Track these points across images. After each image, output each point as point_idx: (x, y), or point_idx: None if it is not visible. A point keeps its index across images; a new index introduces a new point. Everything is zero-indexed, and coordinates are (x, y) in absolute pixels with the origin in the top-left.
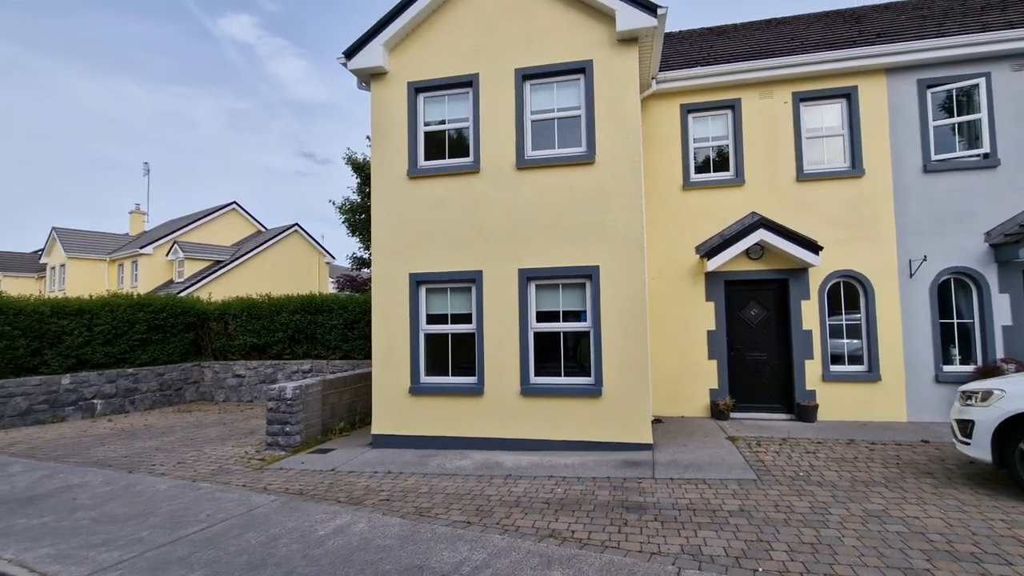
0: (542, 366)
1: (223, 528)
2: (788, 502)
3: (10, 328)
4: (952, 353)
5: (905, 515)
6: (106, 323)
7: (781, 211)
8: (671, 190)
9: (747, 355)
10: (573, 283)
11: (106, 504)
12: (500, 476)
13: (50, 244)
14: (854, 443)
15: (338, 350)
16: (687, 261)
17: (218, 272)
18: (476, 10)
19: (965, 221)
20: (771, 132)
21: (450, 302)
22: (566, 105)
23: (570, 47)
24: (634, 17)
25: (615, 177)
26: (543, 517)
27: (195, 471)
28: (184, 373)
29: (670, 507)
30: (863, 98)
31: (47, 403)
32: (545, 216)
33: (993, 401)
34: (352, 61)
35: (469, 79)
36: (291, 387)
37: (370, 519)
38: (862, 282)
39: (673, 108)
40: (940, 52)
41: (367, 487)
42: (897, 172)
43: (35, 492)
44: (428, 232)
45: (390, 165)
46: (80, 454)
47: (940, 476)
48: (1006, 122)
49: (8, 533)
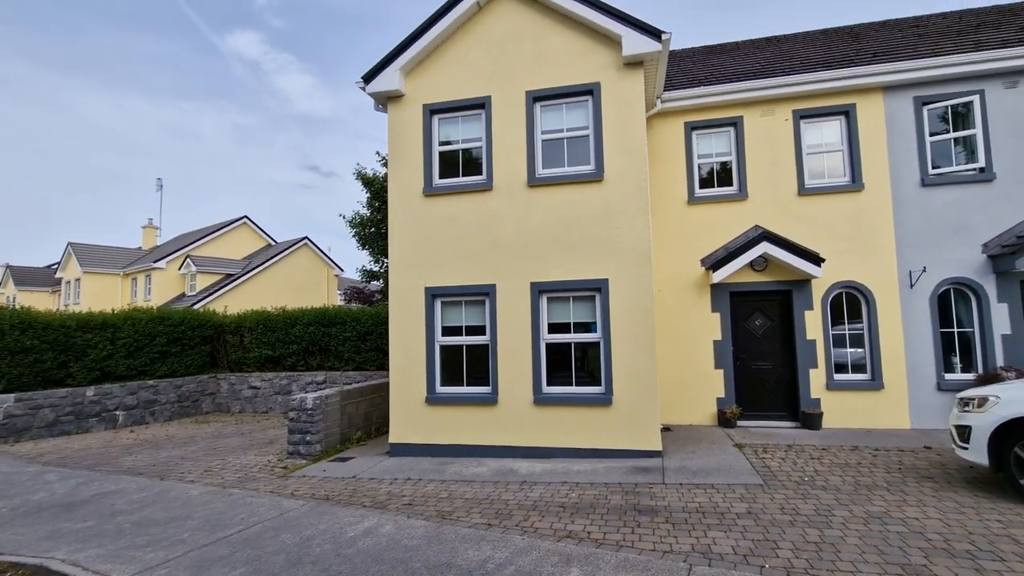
0: (554, 376)
1: (259, 530)
2: (793, 505)
3: (39, 342)
4: (953, 361)
5: (905, 516)
6: (128, 336)
7: (784, 224)
8: (677, 204)
9: (753, 364)
10: (583, 295)
11: (144, 509)
12: (515, 482)
13: (66, 259)
14: (858, 449)
15: (351, 361)
16: (693, 273)
17: (229, 285)
18: (488, 36)
19: (963, 233)
20: (773, 148)
21: (465, 315)
22: (575, 125)
23: (578, 70)
24: (639, 42)
25: (622, 194)
26: (560, 520)
27: (223, 478)
28: (201, 385)
29: (680, 510)
30: (861, 115)
31: (72, 414)
32: (556, 231)
33: (988, 407)
34: (370, 85)
35: (482, 101)
36: (311, 398)
37: (396, 521)
38: (864, 293)
39: (678, 126)
40: (934, 71)
41: (389, 492)
42: (896, 186)
43: (75, 498)
44: (443, 247)
45: (406, 183)
46: (109, 463)
47: (941, 480)
48: (1000, 137)
49: (56, 536)
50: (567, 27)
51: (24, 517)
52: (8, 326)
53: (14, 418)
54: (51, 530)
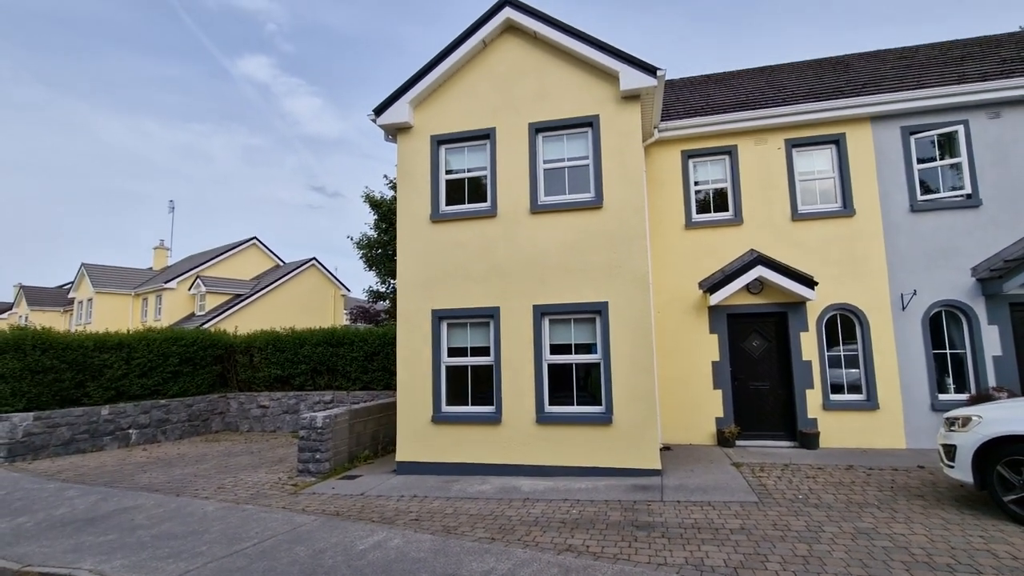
0: (556, 396)
1: (273, 543)
2: (786, 521)
3: (59, 361)
4: (947, 382)
5: (892, 532)
6: (143, 356)
7: (778, 248)
8: (674, 229)
9: (750, 384)
10: (584, 318)
11: (162, 523)
12: (519, 499)
13: (79, 279)
14: (852, 468)
15: (358, 381)
16: (691, 296)
17: (238, 305)
18: (492, 71)
19: (952, 257)
20: (766, 175)
21: (470, 336)
22: (575, 155)
23: (578, 103)
24: (636, 78)
25: (621, 220)
26: (560, 534)
27: (236, 495)
28: (211, 404)
29: (676, 525)
30: (851, 144)
31: (88, 433)
32: (557, 256)
33: (972, 427)
34: (381, 117)
35: (487, 132)
36: (321, 417)
37: (404, 535)
38: (857, 315)
39: (674, 154)
40: (919, 102)
41: (396, 509)
42: (886, 212)
43: (95, 513)
44: (449, 271)
45: (414, 210)
46: (125, 480)
47: (930, 498)
48: (986, 165)
49: (80, 549)
50: (568, 63)
51: (49, 531)
52: (30, 346)
53: (33, 436)
54: (75, 543)
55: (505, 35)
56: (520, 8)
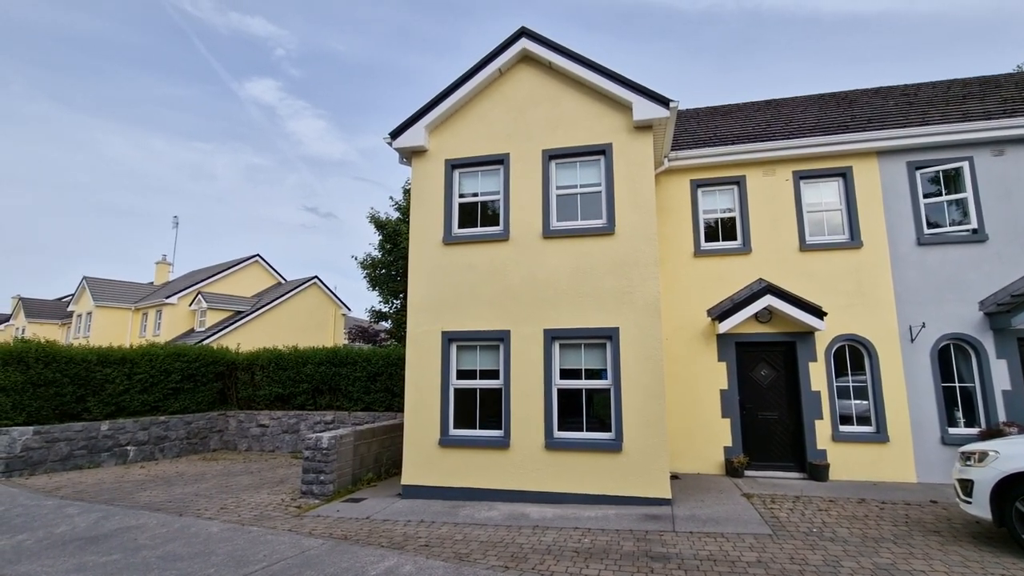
0: (565, 421)
1: (283, 567)
2: (803, 555)
3: (60, 375)
4: (957, 416)
5: (912, 569)
6: (145, 372)
7: (786, 278)
8: (683, 257)
9: (759, 414)
10: (594, 343)
11: (167, 544)
12: (528, 527)
13: (80, 292)
14: (865, 502)
15: (360, 402)
16: (700, 323)
17: (239, 322)
18: (507, 98)
19: (959, 290)
20: (774, 206)
21: (479, 359)
22: (588, 182)
23: (592, 131)
24: (649, 109)
25: (632, 247)
26: (575, 564)
27: (239, 516)
28: (210, 422)
29: (692, 557)
30: (857, 177)
31: (86, 449)
32: (569, 281)
33: (989, 462)
34: (397, 141)
35: (500, 157)
36: (327, 437)
37: (415, 562)
38: (866, 346)
39: (684, 183)
40: (925, 138)
41: (405, 534)
42: (893, 244)
43: (97, 532)
44: (460, 294)
45: (427, 232)
46: (125, 498)
47: (947, 534)
48: (991, 200)
49: (83, 568)
50: (582, 92)
51: (50, 549)
52: (33, 359)
53: (31, 451)
54: (78, 562)
55: (521, 64)
56: (536, 39)
